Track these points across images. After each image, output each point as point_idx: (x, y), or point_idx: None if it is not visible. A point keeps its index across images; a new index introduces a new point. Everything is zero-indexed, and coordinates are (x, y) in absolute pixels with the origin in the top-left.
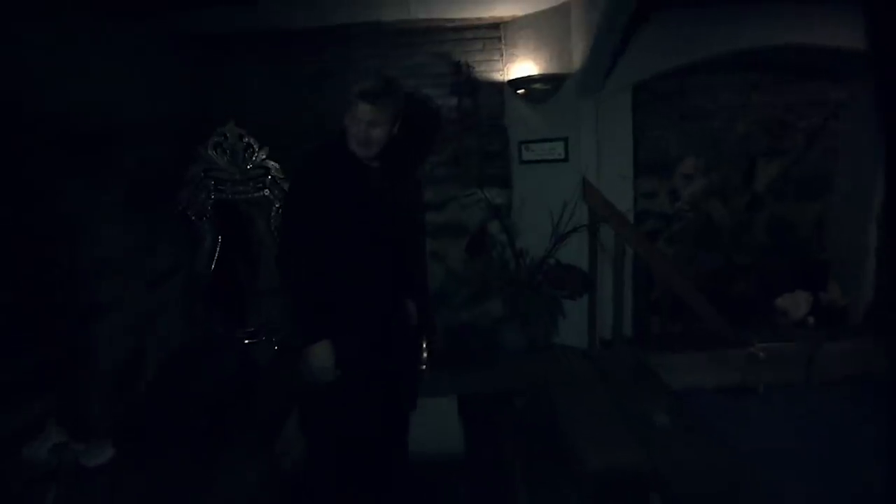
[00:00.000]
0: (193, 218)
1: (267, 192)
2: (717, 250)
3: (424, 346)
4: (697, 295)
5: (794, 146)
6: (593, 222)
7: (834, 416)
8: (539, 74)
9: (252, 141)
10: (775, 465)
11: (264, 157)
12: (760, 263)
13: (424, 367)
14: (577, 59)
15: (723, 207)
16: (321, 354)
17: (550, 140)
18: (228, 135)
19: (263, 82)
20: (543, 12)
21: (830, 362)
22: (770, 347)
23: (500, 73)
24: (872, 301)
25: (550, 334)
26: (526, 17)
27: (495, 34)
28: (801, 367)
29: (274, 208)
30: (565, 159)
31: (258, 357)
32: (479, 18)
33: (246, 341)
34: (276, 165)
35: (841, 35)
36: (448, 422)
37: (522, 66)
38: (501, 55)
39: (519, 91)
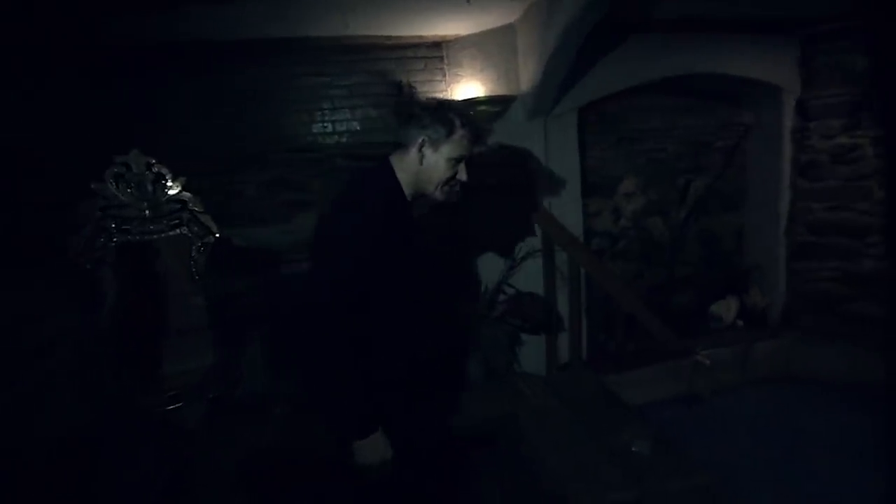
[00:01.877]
0: (89, 267)
1: (185, 229)
2: (659, 265)
3: None
4: (646, 310)
5: (714, 165)
6: (547, 245)
7: (776, 414)
8: (485, 96)
9: (164, 170)
10: (741, 472)
11: (180, 188)
12: (696, 275)
13: None
14: (524, 80)
15: (662, 224)
16: (374, 449)
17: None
18: (132, 164)
19: (183, 102)
20: (488, 32)
21: (759, 361)
22: (711, 353)
23: (444, 93)
24: (785, 301)
25: (511, 363)
26: (469, 36)
27: (437, 53)
28: (737, 368)
29: (195, 247)
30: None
31: (186, 420)
32: (420, 37)
33: (169, 407)
34: (195, 198)
35: (747, 67)
36: None
37: (467, 87)
38: (445, 75)
39: None
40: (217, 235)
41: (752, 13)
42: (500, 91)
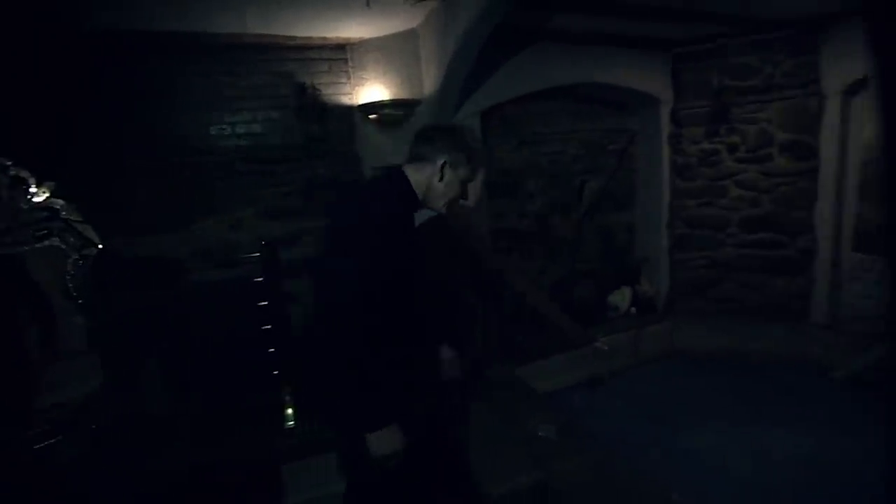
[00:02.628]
0: None
1: (57, 240)
2: (562, 261)
3: None
4: (552, 304)
5: (607, 167)
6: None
7: (664, 389)
8: (390, 100)
9: (24, 174)
10: (635, 443)
11: (47, 194)
12: (594, 269)
13: None
14: (428, 84)
15: (563, 221)
16: (390, 440)
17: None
18: None
19: (63, 98)
20: (391, 36)
21: (649, 343)
22: (609, 340)
23: (349, 97)
24: (669, 288)
25: None
26: (373, 40)
27: (341, 56)
28: (631, 351)
29: (72, 261)
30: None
31: (61, 456)
32: (323, 38)
33: (40, 444)
34: (69, 205)
35: (631, 79)
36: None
37: (372, 90)
38: (349, 78)
39: (371, 116)
40: (100, 247)
41: (632, 31)
42: (404, 95)
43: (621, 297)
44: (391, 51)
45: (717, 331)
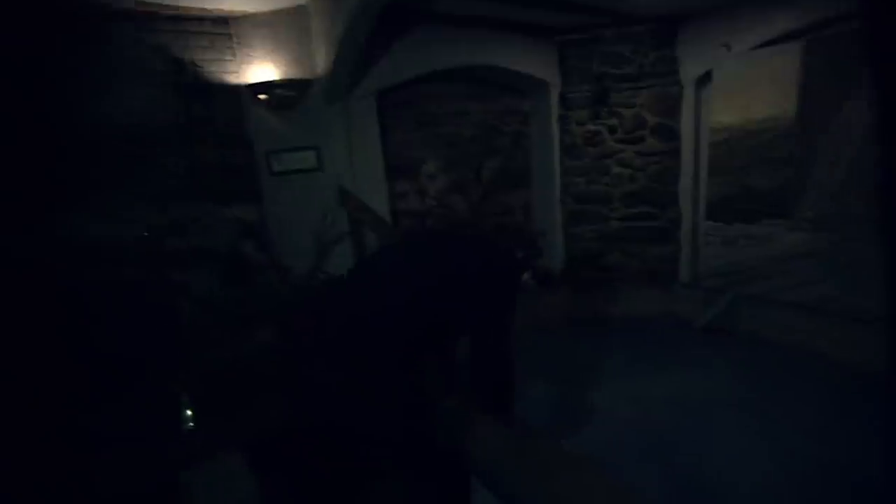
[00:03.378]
0: None
1: None
2: None
3: None
4: None
5: (504, 147)
6: (355, 229)
7: (560, 353)
8: (280, 80)
9: None
10: (534, 400)
11: None
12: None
13: None
14: (320, 63)
15: (463, 201)
16: None
17: (301, 149)
18: None
19: None
20: (279, 12)
21: (548, 313)
22: None
23: (236, 75)
24: (564, 260)
25: None
26: (259, 15)
27: (225, 30)
28: (529, 321)
29: None
30: (319, 168)
31: None
32: (202, 9)
33: None
34: None
35: (523, 63)
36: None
37: (261, 69)
38: (235, 55)
39: (260, 96)
40: None
41: (517, 16)
42: (295, 74)
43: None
44: (280, 27)
45: (606, 297)
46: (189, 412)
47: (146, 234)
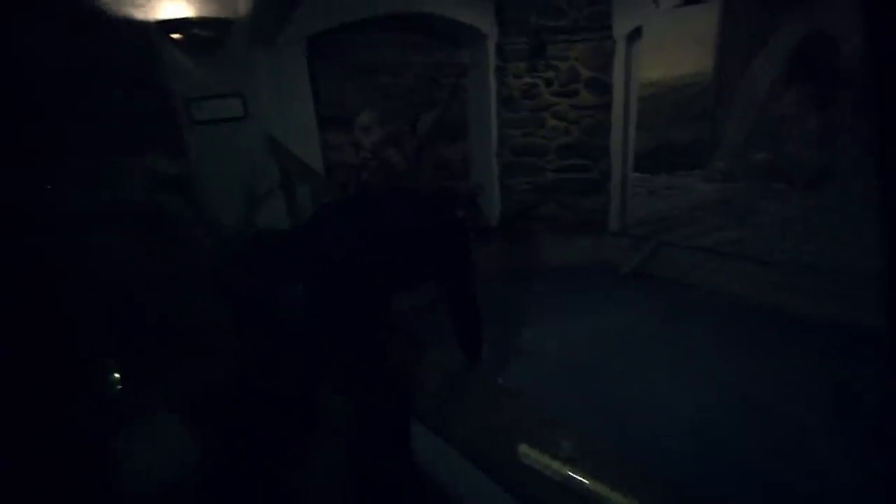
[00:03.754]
0: None
1: None
2: None
3: None
4: None
5: (442, 99)
6: (286, 181)
7: (499, 300)
8: (197, 17)
9: None
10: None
11: None
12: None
13: None
14: (241, 2)
15: (398, 154)
16: None
17: (225, 96)
18: None
19: None
20: None
21: (487, 263)
22: None
23: (143, 10)
24: (501, 212)
25: None
26: None
27: None
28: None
29: None
30: (245, 116)
31: None
32: None
33: None
34: None
35: (459, 12)
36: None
37: (172, 4)
38: None
39: (174, 36)
40: None
41: None
42: (214, 13)
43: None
44: None
45: (542, 247)
46: (116, 375)
47: (48, 186)
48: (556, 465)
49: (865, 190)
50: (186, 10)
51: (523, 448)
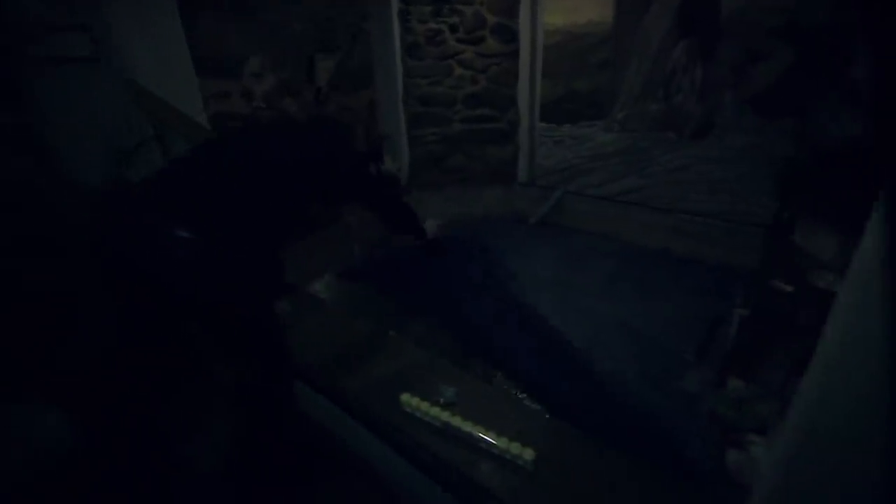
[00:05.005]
0: None
1: None
2: None
3: None
4: None
5: (341, 44)
6: (160, 133)
7: (411, 256)
8: None
9: None
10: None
11: None
12: None
13: None
14: None
15: (295, 103)
16: None
17: (66, 30)
18: None
19: None
20: None
21: None
22: (357, 218)
23: None
24: (410, 163)
25: None
26: None
27: None
28: (379, 226)
29: None
30: (95, 57)
31: None
32: None
33: None
34: None
35: None
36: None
37: None
38: None
39: None
40: None
41: None
42: None
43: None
44: None
45: (451, 199)
46: None
47: None
48: (435, 411)
49: (739, 140)
50: None
51: (404, 397)
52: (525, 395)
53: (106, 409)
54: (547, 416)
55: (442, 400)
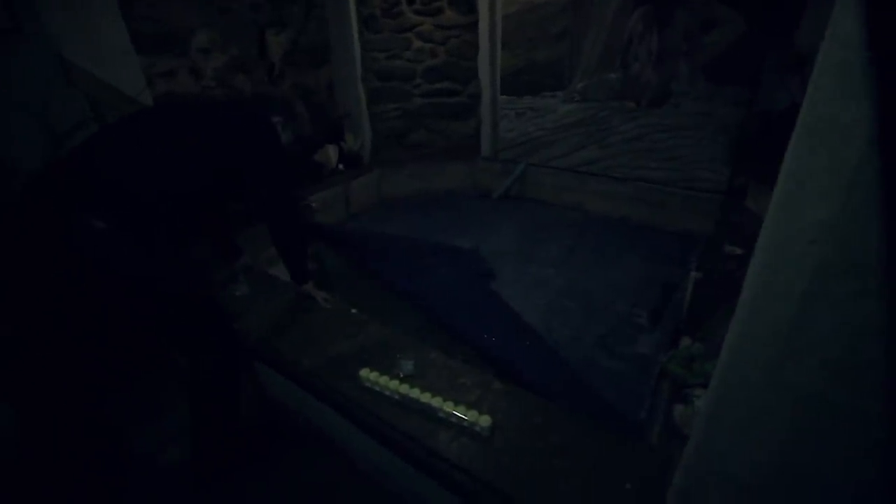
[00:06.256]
0: None
1: None
2: None
3: None
4: None
5: (295, 18)
6: (100, 114)
7: (371, 234)
8: None
9: None
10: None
11: None
12: None
13: None
14: None
15: (247, 81)
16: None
17: None
18: None
19: None
20: None
21: (359, 195)
22: (320, 197)
23: None
24: (371, 140)
25: None
26: None
27: None
28: (342, 205)
29: None
30: (18, 29)
31: None
32: None
33: None
34: None
35: None
36: None
37: None
38: None
39: None
40: None
41: None
42: None
43: (327, 156)
44: None
45: (414, 175)
46: None
47: None
48: (394, 384)
49: (694, 108)
50: None
51: (363, 372)
52: (484, 365)
53: (49, 402)
54: (504, 384)
55: (401, 373)
